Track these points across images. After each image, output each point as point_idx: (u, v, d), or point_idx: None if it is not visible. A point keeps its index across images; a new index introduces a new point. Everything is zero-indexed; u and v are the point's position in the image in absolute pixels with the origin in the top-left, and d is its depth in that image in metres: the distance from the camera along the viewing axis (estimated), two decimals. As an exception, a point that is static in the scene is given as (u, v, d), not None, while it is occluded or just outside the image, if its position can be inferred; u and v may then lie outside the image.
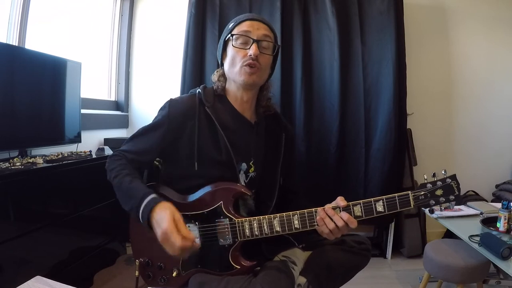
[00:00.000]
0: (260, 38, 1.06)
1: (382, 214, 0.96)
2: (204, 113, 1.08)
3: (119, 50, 2.85)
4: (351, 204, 0.98)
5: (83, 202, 1.87)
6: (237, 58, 1.07)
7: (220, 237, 1.04)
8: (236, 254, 1.04)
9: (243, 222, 1.02)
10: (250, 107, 1.15)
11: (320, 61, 2.55)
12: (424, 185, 0.97)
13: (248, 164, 1.13)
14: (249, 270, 1.04)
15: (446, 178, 0.96)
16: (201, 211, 1.05)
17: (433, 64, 2.81)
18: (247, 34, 1.06)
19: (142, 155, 1.10)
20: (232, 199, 1.04)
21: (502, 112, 2.82)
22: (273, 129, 1.20)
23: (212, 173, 1.07)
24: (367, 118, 2.52)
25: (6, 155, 1.68)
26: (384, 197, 0.96)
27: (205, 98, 1.10)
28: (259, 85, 1.13)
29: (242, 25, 1.08)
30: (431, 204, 0.96)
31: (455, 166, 2.85)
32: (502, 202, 1.60)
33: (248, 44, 1.06)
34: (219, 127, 1.07)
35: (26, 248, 1.49)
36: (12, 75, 1.63)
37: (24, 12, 1.90)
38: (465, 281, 1.66)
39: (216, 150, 1.07)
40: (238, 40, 1.07)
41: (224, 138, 1.07)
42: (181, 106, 1.10)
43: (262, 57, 1.07)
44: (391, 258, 2.60)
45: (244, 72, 1.06)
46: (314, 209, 1.00)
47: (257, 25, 1.08)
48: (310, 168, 2.49)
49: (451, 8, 2.77)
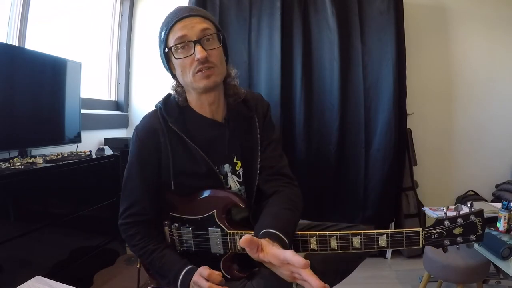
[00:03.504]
0: (200, 36, 0.95)
1: (385, 249, 0.86)
2: (169, 129, 1.02)
3: (119, 50, 2.85)
4: (350, 234, 0.88)
5: (83, 202, 1.87)
6: (186, 67, 0.97)
7: (212, 246, 1.02)
8: (227, 264, 1.02)
9: (235, 235, 0.99)
10: (218, 106, 1.08)
11: (320, 61, 2.54)
12: (441, 222, 0.84)
13: (231, 163, 1.08)
14: (242, 278, 1.02)
15: (470, 215, 0.83)
16: (195, 217, 1.04)
17: (433, 64, 2.80)
18: (184, 40, 0.95)
19: (145, 198, 1.05)
20: (225, 210, 1.01)
21: (502, 112, 2.81)
22: (244, 116, 1.10)
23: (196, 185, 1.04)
24: (367, 118, 2.51)
25: (6, 155, 1.68)
26: (390, 232, 0.85)
27: (167, 112, 1.03)
28: (220, 82, 1.05)
29: (174, 30, 0.97)
30: (445, 244, 0.83)
31: (455, 166, 2.85)
32: (502, 202, 1.60)
33: (191, 48, 0.95)
34: (188, 140, 1.01)
35: (26, 248, 1.49)
36: (12, 75, 1.63)
37: (24, 12, 1.90)
38: (465, 281, 1.66)
39: (192, 162, 1.02)
40: (177, 50, 0.97)
41: (198, 149, 1.01)
42: (147, 125, 1.05)
43: (212, 54, 0.96)
44: (391, 258, 2.60)
45: (200, 78, 0.97)
46: (308, 233, 0.94)
47: (190, 22, 0.96)
48: (310, 168, 2.49)
49: (451, 8, 2.77)
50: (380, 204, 2.49)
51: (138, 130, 1.06)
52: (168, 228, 1.07)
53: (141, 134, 1.05)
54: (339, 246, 0.89)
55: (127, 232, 1.06)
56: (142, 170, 1.04)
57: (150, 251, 1.02)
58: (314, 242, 0.92)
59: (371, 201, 2.52)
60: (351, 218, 2.55)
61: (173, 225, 1.06)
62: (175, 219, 1.06)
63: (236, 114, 1.10)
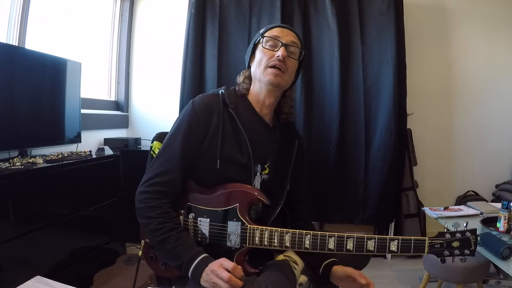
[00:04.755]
0: (288, 43, 1.10)
1: (394, 253, 0.97)
2: (228, 113, 1.09)
3: (119, 50, 2.85)
4: (366, 238, 0.98)
5: (83, 202, 1.87)
6: (264, 58, 1.09)
7: (228, 239, 1.03)
8: (241, 258, 1.03)
9: (255, 229, 1.01)
10: (270, 112, 1.16)
11: (320, 61, 2.55)
12: (443, 234, 0.97)
13: (263, 166, 1.13)
14: (251, 274, 1.03)
15: (466, 231, 0.96)
16: (215, 209, 1.05)
17: (433, 64, 2.81)
18: (277, 38, 1.10)
19: (179, 170, 1.04)
20: (249, 204, 1.04)
21: (502, 112, 2.82)
22: (287, 136, 1.21)
23: (228, 172, 1.06)
24: (367, 118, 2.52)
25: (6, 155, 1.68)
26: (400, 238, 0.96)
27: (228, 99, 1.10)
28: (283, 88, 1.14)
29: (272, 30, 1.12)
30: (445, 254, 0.96)
31: (455, 166, 2.86)
32: (502, 202, 1.60)
33: (277, 47, 1.09)
34: (242, 128, 1.07)
35: (26, 248, 1.49)
36: (12, 75, 1.63)
37: (24, 12, 1.90)
38: (465, 281, 1.66)
39: (237, 150, 1.08)
40: (268, 42, 1.11)
41: (246, 140, 1.07)
42: (205, 101, 1.09)
43: (289, 61, 1.09)
44: (391, 258, 2.60)
45: (271, 72, 1.08)
46: (328, 233, 0.99)
47: (286, 32, 1.12)
48: (310, 168, 2.49)
49: (451, 8, 2.77)
50: (380, 204, 2.49)
51: (195, 103, 1.09)
52: (184, 217, 1.07)
53: (198, 107, 1.07)
54: (354, 248, 0.98)
55: (148, 202, 1.01)
56: (188, 141, 1.05)
57: (169, 229, 0.99)
58: (332, 243, 0.98)
59: (371, 201, 2.52)
60: (351, 218, 2.55)
61: (190, 215, 1.06)
62: (192, 209, 1.07)
63: (280, 131, 1.20)
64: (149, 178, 1.03)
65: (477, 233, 0.97)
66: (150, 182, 1.02)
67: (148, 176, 1.04)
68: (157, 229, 0.99)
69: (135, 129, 2.90)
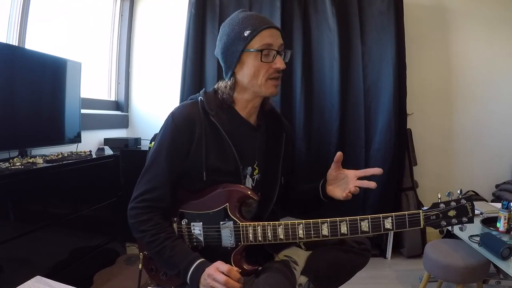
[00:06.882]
0: (280, 49, 1.05)
1: (390, 231, 0.95)
2: (209, 122, 1.05)
3: (119, 50, 2.85)
4: (359, 219, 0.96)
5: (83, 202, 1.87)
6: (262, 70, 1.04)
7: (223, 239, 1.03)
8: (238, 257, 1.03)
9: (247, 226, 1.01)
10: (256, 111, 1.14)
11: (320, 61, 2.55)
12: (437, 205, 0.94)
13: (252, 167, 1.13)
14: (251, 273, 1.04)
15: (461, 199, 0.93)
16: (206, 211, 1.05)
17: (433, 64, 2.80)
18: (270, 47, 1.03)
19: (167, 185, 1.04)
20: (238, 202, 1.04)
21: (502, 112, 2.81)
22: (274, 130, 1.19)
23: (217, 182, 1.06)
24: (367, 118, 2.51)
25: (6, 155, 1.68)
26: (394, 214, 0.94)
27: (208, 106, 1.05)
28: None
29: (263, 35, 1.03)
30: (442, 225, 0.93)
31: (455, 166, 2.85)
32: (502, 202, 1.60)
33: (271, 56, 1.03)
34: (226, 135, 1.04)
35: (26, 248, 1.49)
36: (12, 75, 1.63)
37: (24, 12, 1.90)
38: (465, 281, 1.66)
39: (223, 160, 1.06)
40: (263, 52, 1.03)
41: (231, 146, 1.05)
42: (185, 114, 1.05)
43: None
44: (391, 258, 2.60)
45: (271, 85, 1.05)
46: (320, 220, 0.99)
47: (275, 33, 1.06)
48: (310, 168, 2.49)
49: (451, 8, 2.77)
50: (380, 204, 2.49)
51: (175, 116, 1.05)
52: (177, 224, 1.07)
53: (178, 121, 1.04)
54: (348, 231, 0.96)
55: (139, 218, 1.02)
56: (172, 156, 1.03)
57: (163, 239, 1.00)
58: (325, 229, 0.98)
59: (371, 201, 2.52)
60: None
61: (183, 221, 1.06)
62: (184, 215, 1.07)
63: (266, 124, 1.18)
64: (138, 195, 1.04)
65: (472, 199, 0.93)
66: (139, 199, 1.03)
67: (137, 193, 1.04)
68: (151, 241, 1.00)
69: (135, 129, 2.90)
